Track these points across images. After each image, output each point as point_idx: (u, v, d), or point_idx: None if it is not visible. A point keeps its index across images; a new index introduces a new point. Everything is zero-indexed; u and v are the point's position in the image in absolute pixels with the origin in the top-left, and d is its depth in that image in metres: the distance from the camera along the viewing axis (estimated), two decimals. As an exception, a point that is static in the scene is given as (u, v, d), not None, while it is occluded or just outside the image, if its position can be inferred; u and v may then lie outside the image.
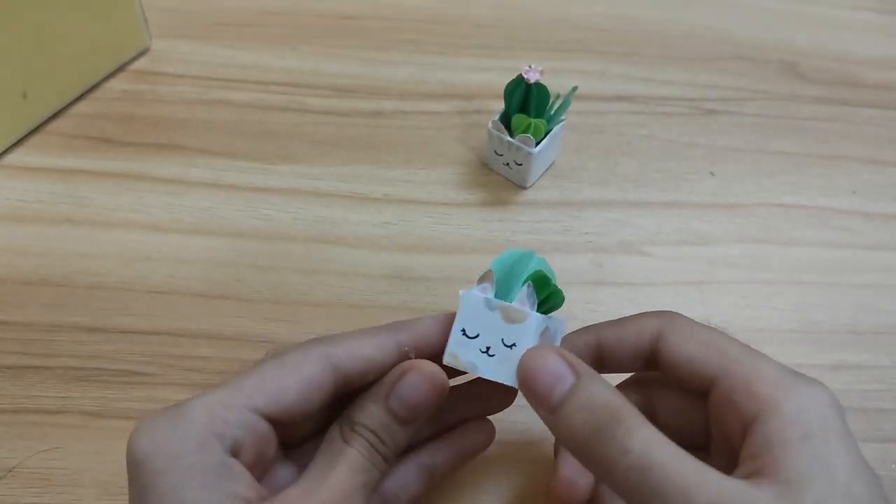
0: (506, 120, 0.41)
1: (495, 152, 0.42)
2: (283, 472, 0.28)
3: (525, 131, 0.40)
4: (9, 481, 0.32)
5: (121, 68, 0.47)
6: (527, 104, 0.40)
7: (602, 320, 0.38)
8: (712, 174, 0.45)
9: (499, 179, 0.44)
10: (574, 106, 0.43)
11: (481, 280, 0.28)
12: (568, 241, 0.41)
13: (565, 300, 0.29)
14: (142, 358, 0.35)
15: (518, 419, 0.34)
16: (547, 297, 0.28)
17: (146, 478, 0.23)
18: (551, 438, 0.34)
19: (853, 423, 0.35)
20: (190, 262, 0.39)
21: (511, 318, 0.27)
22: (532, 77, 0.39)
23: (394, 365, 0.27)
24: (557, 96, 0.41)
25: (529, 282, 0.27)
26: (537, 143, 0.40)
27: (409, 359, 0.27)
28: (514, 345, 0.27)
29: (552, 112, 0.41)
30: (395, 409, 0.26)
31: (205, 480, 0.23)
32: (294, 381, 0.26)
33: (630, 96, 0.49)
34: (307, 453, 0.28)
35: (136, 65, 0.48)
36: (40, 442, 0.33)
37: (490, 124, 0.41)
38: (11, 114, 0.42)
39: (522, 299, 0.27)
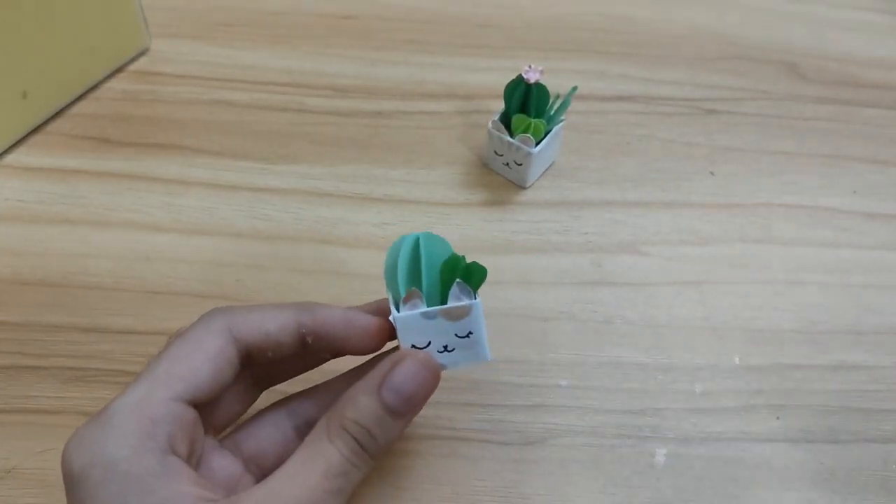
0: (506, 120, 0.41)
1: (495, 152, 0.42)
2: (221, 460, 0.27)
3: (525, 131, 0.40)
4: (6, 482, 0.32)
5: (120, 68, 0.47)
6: (527, 104, 0.40)
7: (602, 320, 0.38)
8: (712, 174, 0.45)
9: (498, 179, 0.43)
10: (574, 106, 0.43)
11: (407, 299, 0.27)
12: (567, 241, 0.41)
13: (484, 274, 0.28)
14: (140, 358, 0.35)
15: (517, 419, 0.34)
16: (469, 276, 0.28)
17: (84, 491, 0.22)
18: (552, 440, 0.34)
19: (853, 422, 0.35)
20: (189, 262, 0.39)
21: (455, 316, 0.27)
22: (532, 77, 0.39)
23: (292, 346, 0.27)
24: (557, 96, 0.41)
25: (458, 280, 0.27)
26: (537, 143, 0.40)
27: (307, 342, 0.27)
28: (469, 333, 0.27)
29: (552, 112, 0.41)
30: (389, 400, 0.25)
31: (146, 485, 0.22)
32: (203, 359, 0.25)
33: (630, 96, 0.49)
34: (241, 440, 0.28)
35: (136, 65, 0.48)
36: (38, 443, 0.33)
37: (490, 124, 0.41)
38: (11, 114, 0.42)
39: (458, 296, 0.27)
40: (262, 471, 0.28)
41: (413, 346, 0.27)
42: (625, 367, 0.36)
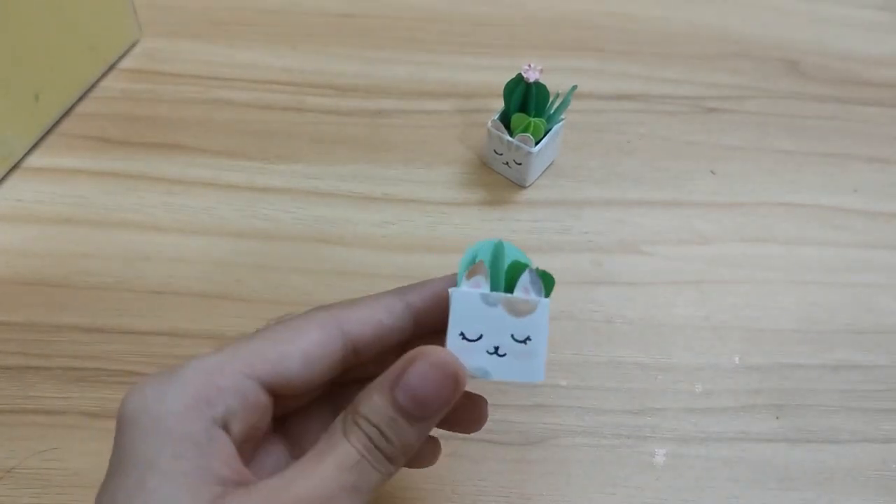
0: (505, 119, 0.41)
1: (495, 151, 0.42)
2: (273, 453, 0.26)
3: (525, 130, 0.40)
4: (8, 482, 0.32)
5: (116, 62, 0.47)
6: (526, 103, 0.40)
7: (602, 320, 0.38)
8: (713, 173, 0.45)
9: (498, 179, 0.43)
10: (574, 104, 0.43)
11: (471, 274, 0.24)
12: (568, 240, 0.41)
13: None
14: (141, 358, 0.35)
15: (518, 419, 0.34)
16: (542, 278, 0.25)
17: (127, 436, 0.22)
18: (552, 440, 0.34)
19: (853, 422, 0.35)
20: (190, 261, 0.39)
21: (518, 311, 0.24)
22: (532, 76, 0.39)
23: (405, 330, 0.25)
24: (557, 95, 0.41)
25: (531, 267, 0.24)
26: (537, 143, 0.40)
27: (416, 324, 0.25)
28: (527, 339, 0.24)
29: (552, 111, 0.41)
30: (401, 401, 0.23)
31: (181, 448, 0.22)
32: (299, 347, 0.23)
33: (630, 94, 0.49)
34: (305, 432, 0.26)
35: (136, 64, 0.48)
36: (39, 442, 0.33)
37: (489, 123, 0.41)
38: (27, 116, 0.42)
39: (526, 287, 0.24)
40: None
41: (461, 335, 0.24)
42: (625, 366, 0.36)
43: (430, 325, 0.26)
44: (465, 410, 0.27)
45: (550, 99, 0.40)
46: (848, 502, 0.33)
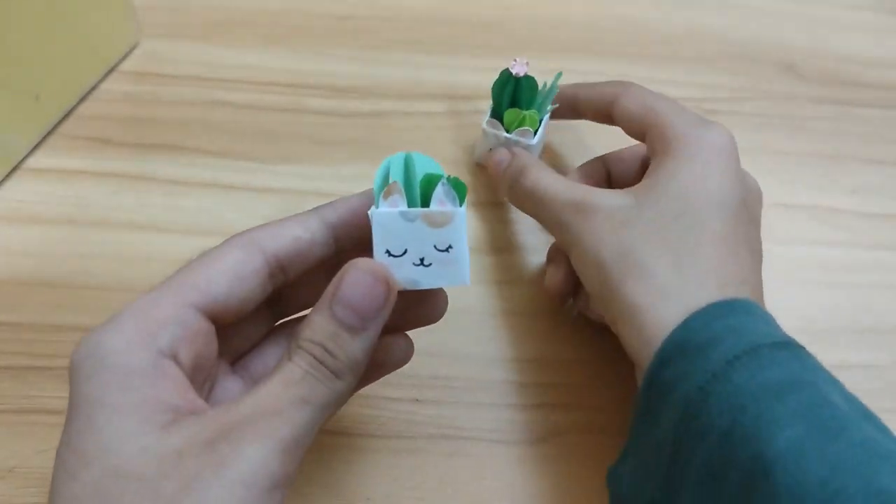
0: (497, 117, 0.41)
1: (490, 150, 0.42)
2: (231, 385, 0.27)
3: (521, 125, 0.40)
4: (9, 481, 0.32)
5: (117, 65, 0.47)
6: (517, 98, 0.40)
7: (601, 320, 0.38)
8: (712, 174, 0.45)
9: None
10: (574, 106, 0.43)
11: (387, 194, 0.25)
12: (568, 240, 0.41)
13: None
14: (142, 358, 0.35)
15: (519, 418, 0.35)
16: (455, 188, 0.26)
17: (74, 383, 0.22)
18: (554, 439, 0.34)
19: (853, 422, 0.35)
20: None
21: (437, 223, 0.25)
22: (521, 71, 0.39)
23: (325, 244, 0.27)
24: (545, 84, 0.41)
25: (443, 179, 0.25)
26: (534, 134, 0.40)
27: (336, 242, 0.26)
28: (449, 247, 0.26)
29: (541, 101, 0.41)
30: (339, 315, 0.24)
31: (128, 382, 0.22)
32: (221, 268, 0.25)
33: (629, 96, 0.49)
34: (250, 363, 0.27)
35: (136, 65, 0.48)
36: (40, 442, 0.33)
37: (485, 123, 0.41)
38: (28, 117, 0.42)
39: (441, 199, 0.25)
40: None
41: (387, 253, 0.25)
42: (626, 365, 0.36)
43: (351, 240, 0.27)
44: (419, 305, 0.28)
45: (538, 89, 0.40)
46: (848, 501, 0.33)
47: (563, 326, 0.38)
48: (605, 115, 0.37)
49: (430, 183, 0.26)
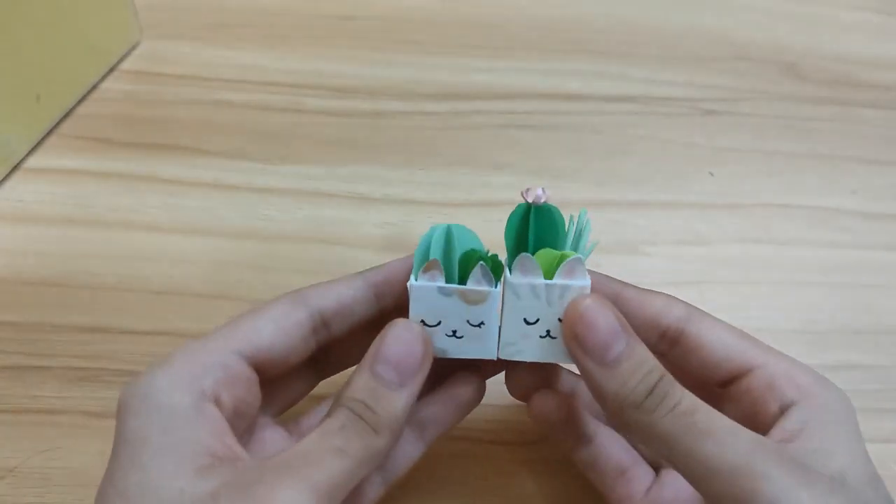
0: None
1: (525, 321, 0.27)
2: (274, 434, 0.27)
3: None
4: (10, 481, 0.32)
5: (117, 65, 0.48)
6: (542, 236, 0.28)
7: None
8: (712, 174, 0.45)
9: (499, 180, 0.44)
10: (574, 106, 0.43)
11: (426, 270, 0.26)
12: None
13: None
14: (142, 358, 0.35)
15: (518, 419, 0.34)
16: (490, 265, 0.26)
17: (121, 421, 0.23)
18: (551, 441, 0.34)
19: (853, 422, 0.35)
20: (190, 262, 0.39)
21: (471, 300, 0.26)
22: (541, 198, 0.27)
23: (368, 303, 0.27)
24: (571, 218, 0.28)
25: (481, 262, 0.26)
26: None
27: (380, 301, 0.27)
28: (481, 323, 0.26)
29: (576, 240, 0.28)
30: (380, 371, 0.25)
31: (170, 422, 0.23)
32: (267, 321, 0.26)
33: (629, 96, 0.49)
34: (302, 420, 0.28)
35: (137, 65, 0.48)
36: (41, 442, 0.33)
37: (510, 275, 0.26)
38: (28, 117, 0.42)
39: (479, 279, 0.26)
40: None
41: (422, 322, 0.26)
42: (625, 366, 0.36)
43: (393, 300, 0.28)
44: (456, 387, 0.29)
45: (566, 224, 0.28)
46: (847, 501, 0.33)
47: (563, 327, 0.38)
48: (658, 336, 0.28)
49: (469, 259, 0.26)
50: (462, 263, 0.26)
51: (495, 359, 0.27)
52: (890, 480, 0.34)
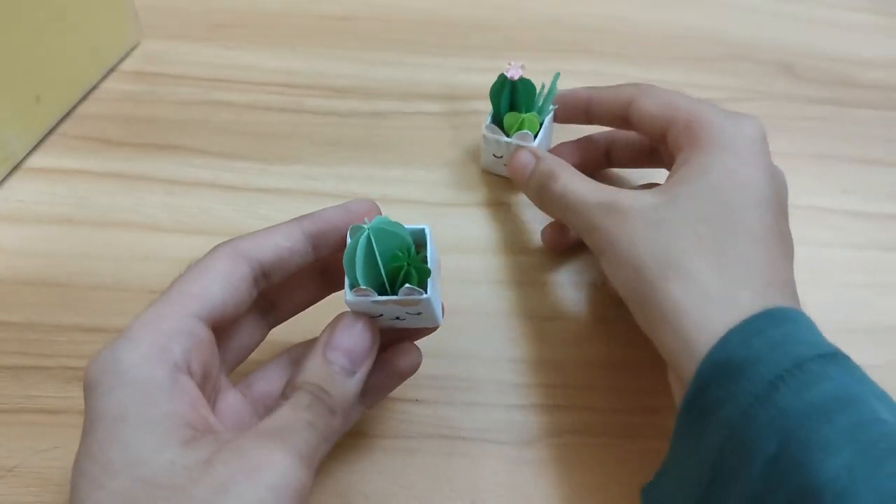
0: (497, 122, 0.41)
1: (494, 155, 0.42)
2: (233, 400, 0.28)
3: (520, 128, 0.40)
4: (8, 481, 0.32)
5: (117, 65, 0.48)
6: (515, 101, 0.40)
7: (602, 321, 0.38)
8: (709, 174, 0.45)
9: (497, 179, 0.44)
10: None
11: (357, 293, 0.27)
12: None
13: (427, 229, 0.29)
14: (142, 358, 0.35)
15: (516, 419, 0.35)
16: (412, 279, 0.27)
17: (93, 398, 0.23)
18: (551, 439, 0.34)
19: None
20: (190, 261, 0.39)
21: (406, 304, 0.27)
22: (515, 74, 0.39)
23: (305, 253, 0.28)
24: (543, 86, 0.41)
25: (407, 285, 0.27)
26: (534, 137, 0.40)
27: (316, 249, 0.28)
28: (419, 313, 0.28)
29: (541, 103, 0.41)
30: (332, 358, 0.26)
31: (148, 397, 0.23)
32: (214, 278, 0.26)
33: (627, 97, 0.49)
34: (252, 382, 0.29)
35: (136, 65, 0.48)
36: (40, 442, 0.33)
37: (484, 129, 0.41)
38: (28, 117, 0.42)
39: (408, 291, 0.27)
40: (268, 411, 0.29)
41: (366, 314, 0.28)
42: (625, 365, 0.37)
43: (328, 248, 0.29)
44: (396, 358, 0.31)
45: (537, 91, 0.41)
46: (843, 500, 0.33)
47: (561, 327, 0.38)
48: (621, 118, 0.36)
49: (395, 271, 0.27)
50: (389, 275, 0.27)
51: (440, 324, 0.30)
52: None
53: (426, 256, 0.28)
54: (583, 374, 0.36)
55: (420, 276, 0.27)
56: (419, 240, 0.29)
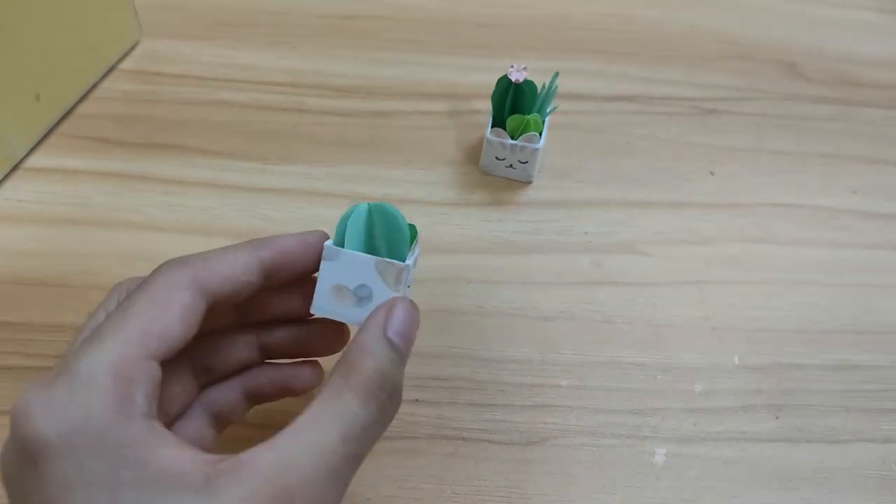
0: (499, 125, 0.41)
1: (496, 158, 0.42)
2: (191, 421, 0.27)
3: (525, 130, 0.40)
4: (8, 482, 0.32)
5: (117, 64, 0.48)
6: (518, 104, 0.40)
7: (602, 320, 0.38)
8: (712, 174, 0.45)
9: (498, 179, 0.43)
10: (574, 106, 0.43)
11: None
12: (567, 240, 0.41)
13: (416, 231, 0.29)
14: (141, 358, 0.35)
15: (518, 419, 0.34)
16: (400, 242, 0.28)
17: (69, 464, 0.20)
18: (552, 440, 0.34)
19: (853, 422, 0.35)
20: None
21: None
22: (520, 77, 0.39)
23: (256, 284, 0.26)
24: (543, 86, 0.41)
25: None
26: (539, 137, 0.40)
27: (267, 276, 0.27)
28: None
29: (540, 103, 0.41)
30: (395, 342, 0.25)
31: (139, 455, 0.20)
32: (175, 316, 0.23)
33: (630, 96, 0.49)
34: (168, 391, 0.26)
35: (137, 65, 0.48)
36: (40, 442, 0.33)
37: (488, 133, 0.41)
38: (28, 117, 0.42)
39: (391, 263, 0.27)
40: (219, 421, 0.28)
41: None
42: (625, 366, 0.37)
43: (276, 280, 0.27)
44: (327, 336, 0.30)
45: (538, 92, 0.40)
46: (848, 502, 0.33)
47: (561, 328, 0.38)
48: None
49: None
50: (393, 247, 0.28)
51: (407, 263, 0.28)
52: (890, 481, 0.34)
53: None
54: (583, 374, 0.36)
55: (405, 237, 0.28)
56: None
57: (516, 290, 0.39)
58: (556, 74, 0.41)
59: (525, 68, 0.39)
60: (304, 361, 0.30)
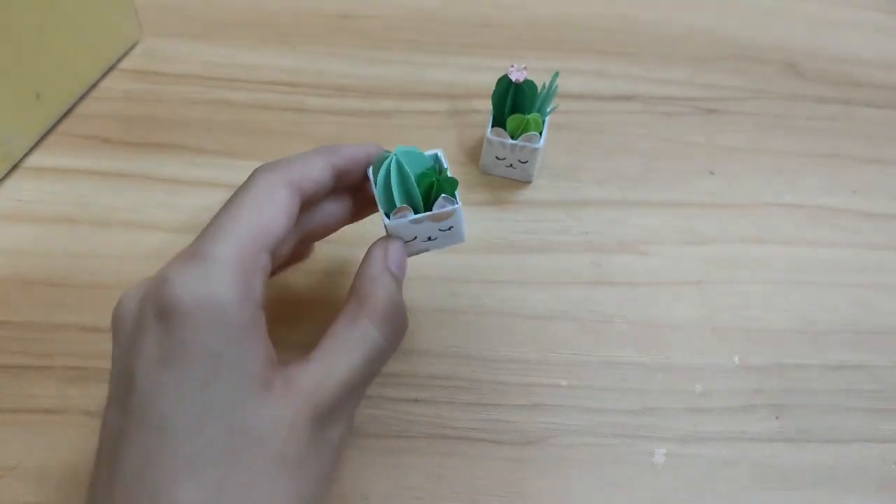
0: (499, 124, 0.41)
1: (496, 157, 0.42)
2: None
3: (525, 130, 0.40)
4: (8, 481, 0.32)
5: (117, 63, 0.48)
6: (518, 104, 0.40)
7: (602, 320, 0.38)
8: (712, 174, 0.45)
9: (498, 179, 0.43)
10: (574, 105, 0.43)
11: (397, 213, 0.29)
12: (567, 240, 0.41)
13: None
14: (141, 358, 0.35)
15: (517, 419, 0.34)
16: (445, 188, 0.30)
17: (191, 331, 0.22)
18: (551, 440, 0.34)
19: (853, 422, 0.35)
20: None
21: (441, 218, 0.30)
22: (520, 77, 0.39)
23: (330, 187, 0.29)
24: (543, 86, 0.41)
25: (443, 195, 0.29)
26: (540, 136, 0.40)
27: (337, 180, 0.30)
28: (450, 227, 0.31)
29: (540, 103, 0.41)
30: (397, 275, 0.29)
31: (245, 337, 0.23)
32: (279, 211, 0.26)
33: (630, 96, 0.49)
34: None
35: (137, 65, 0.48)
36: (40, 442, 0.33)
37: (489, 132, 0.41)
38: (28, 116, 0.42)
39: (443, 205, 0.29)
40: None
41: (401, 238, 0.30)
42: (624, 366, 0.37)
43: (343, 184, 0.30)
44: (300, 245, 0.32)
45: (538, 92, 0.41)
46: (848, 502, 0.33)
47: (561, 328, 0.38)
48: None
49: (427, 186, 0.30)
50: (422, 188, 0.30)
51: (465, 241, 0.32)
52: (890, 481, 0.34)
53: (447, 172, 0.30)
54: (582, 373, 0.36)
55: (450, 187, 0.30)
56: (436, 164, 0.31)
57: (516, 289, 0.39)
58: (556, 74, 0.41)
59: (525, 68, 0.39)
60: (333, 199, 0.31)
